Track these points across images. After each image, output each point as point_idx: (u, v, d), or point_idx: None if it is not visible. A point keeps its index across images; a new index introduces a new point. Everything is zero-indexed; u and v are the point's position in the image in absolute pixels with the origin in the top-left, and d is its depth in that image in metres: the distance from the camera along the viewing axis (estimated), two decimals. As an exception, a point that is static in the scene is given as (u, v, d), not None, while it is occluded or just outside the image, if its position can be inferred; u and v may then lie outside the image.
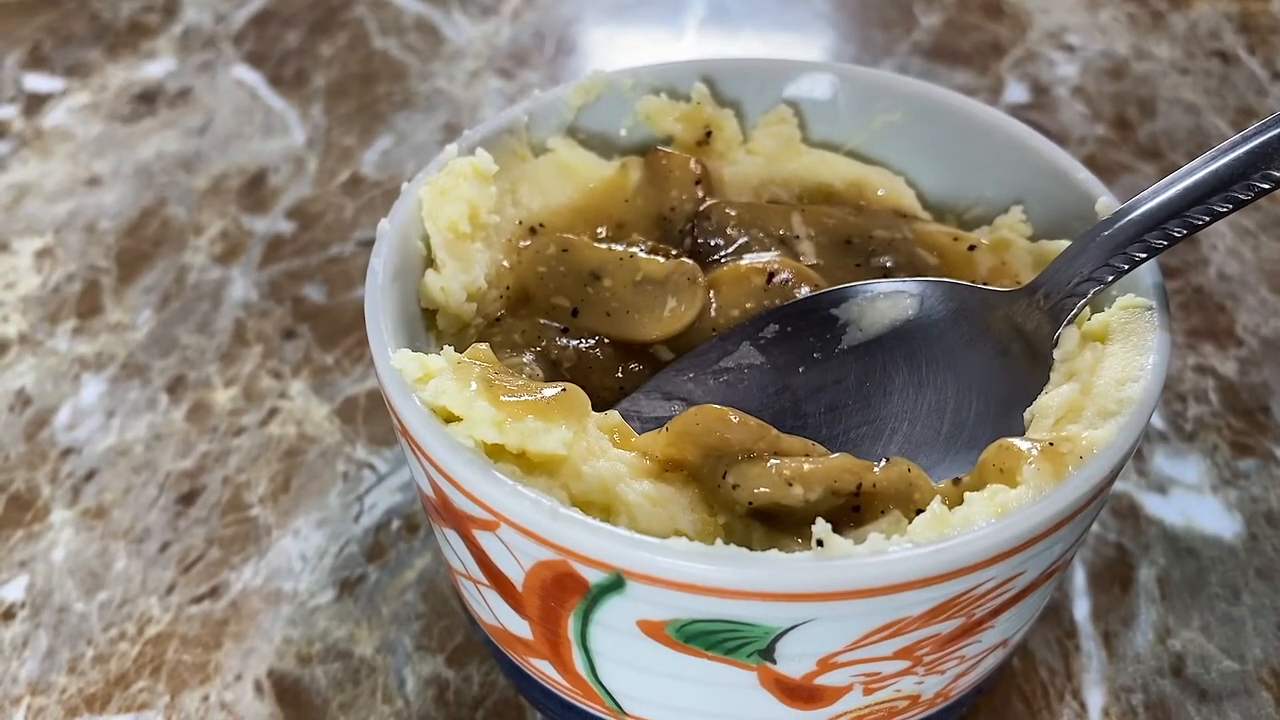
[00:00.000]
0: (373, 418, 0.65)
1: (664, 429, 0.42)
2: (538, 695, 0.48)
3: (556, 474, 0.40)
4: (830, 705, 0.41)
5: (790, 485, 0.40)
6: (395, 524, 0.60)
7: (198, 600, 0.57)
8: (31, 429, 0.65)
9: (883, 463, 0.41)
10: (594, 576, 0.37)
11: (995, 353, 0.46)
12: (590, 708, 0.45)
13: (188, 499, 0.61)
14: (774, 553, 0.36)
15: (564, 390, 0.41)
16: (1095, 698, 0.53)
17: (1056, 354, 0.44)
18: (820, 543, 0.37)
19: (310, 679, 0.54)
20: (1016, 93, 0.90)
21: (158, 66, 0.93)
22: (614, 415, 0.43)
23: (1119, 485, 0.62)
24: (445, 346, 0.44)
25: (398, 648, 0.55)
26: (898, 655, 0.39)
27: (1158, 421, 0.65)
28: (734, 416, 0.41)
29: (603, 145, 0.56)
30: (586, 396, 0.42)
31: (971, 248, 0.50)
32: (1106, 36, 0.95)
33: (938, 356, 0.47)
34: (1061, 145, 0.83)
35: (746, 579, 0.35)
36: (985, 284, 0.49)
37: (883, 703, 0.42)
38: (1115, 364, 0.42)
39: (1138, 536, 0.60)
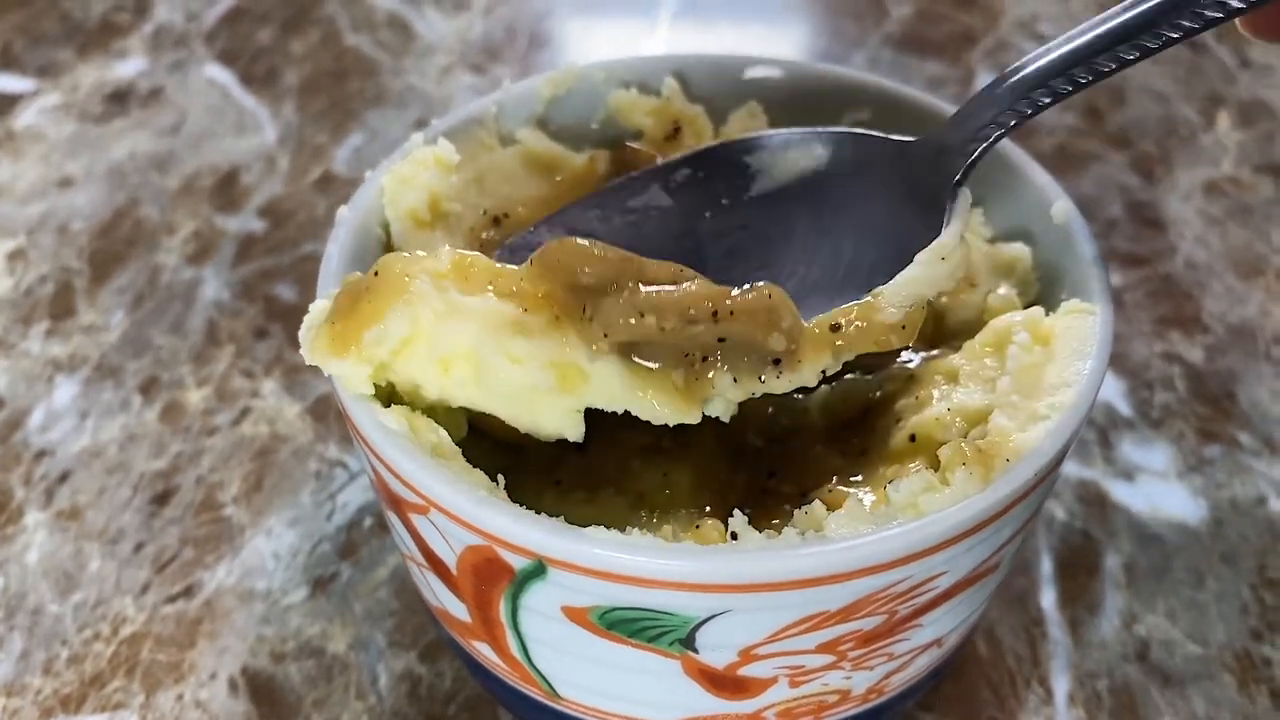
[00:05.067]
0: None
1: (528, 263, 0.41)
2: (483, 678, 0.49)
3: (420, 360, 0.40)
4: (757, 696, 0.41)
5: (643, 315, 0.40)
6: (367, 522, 0.60)
7: (172, 600, 0.57)
8: (4, 431, 0.65)
9: (744, 289, 0.41)
10: (518, 562, 0.38)
11: (897, 202, 0.46)
12: (528, 691, 0.45)
13: (161, 499, 0.62)
14: (689, 543, 0.37)
15: (376, 271, 0.40)
16: (1061, 684, 0.54)
17: (954, 204, 0.44)
18: (735, 535, 0.37)
19: (284, 676, 0.54)
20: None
21: (129, 66, 0.93)
22: (469, 255, 0.42)
23: (1086, 473, 0.62)
24: None
25: (370, 644, 0.55)
26: (820, 649, 0.39)
27: (1125, 409, 0.66)
28: (596, 249, 0.41)
29: (572, 138, 0.57)
30: (404, 256, 0.41)
31: None
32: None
33: (842, 205, 0.47)
34: (1031, 135, 0.85)
35: (660, 569, 0.36)
36: None
37: (810, 696, 0.42)
38: (1054, 368, 0.42)
39: (1104, 523, 0.60)
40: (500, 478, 0.41)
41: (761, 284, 0.41)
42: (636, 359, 0.40)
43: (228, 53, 0.94)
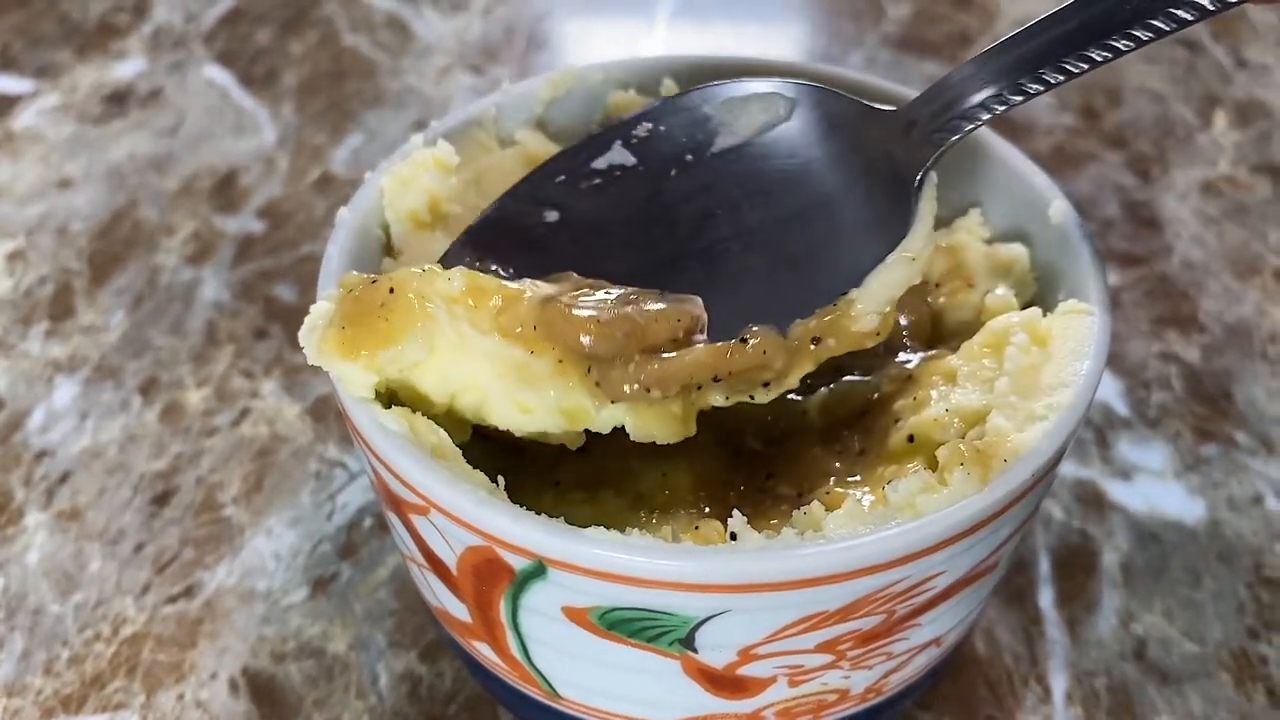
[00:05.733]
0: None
1: (532, 325, 0.41)
2: (483, 678, 0.49)
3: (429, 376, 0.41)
4: (756, 696, 0.42)
5: (649, 391, 0.41)
6: (367, 522, 0.60)
7: (172, 600, 0.57)
8: (5, 432, 0.66)
9: (745, 335, 0.42)
10: (518, 563, 0.38)
11: (863, 171, 0.45)
12: (528, 691, 0.46)
13: (161, 500, 0.62)
14: (688, 544, 0.37)
15: (391, 290, 0.40)
16: (1059, 682, 0.54)
17: (921, 193, 0.44)
18: (734, 536, 0.38)
19: (284, 676, 0.54)
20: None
21: (128, 67, 0.93)
22: (479, 277, 0.42)
23: (1083, 472, 0.63)
24: None
25: (371, 644, 0.55)
26: (819, 649, 0.39)
27: (1122, 408, 0.66)
28: (597, 320, 0.41)
29: (572, 139, 0.57)
30: (418, 274, 0.41)
31: None
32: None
33: (807, 166, 0.46)
34: (1029, 135, 0.85)
35: (660, 569, 0.36)
36: (938, 285, 0.50)
37: (810, 695, 0.42)
38: (1052, 368, 0.42)
39: (1102, 523, 0.60)
40: (500, 478, 0.41)
41: (756, 330, 0.42)
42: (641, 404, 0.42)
43: (226, 54, 0.94)
